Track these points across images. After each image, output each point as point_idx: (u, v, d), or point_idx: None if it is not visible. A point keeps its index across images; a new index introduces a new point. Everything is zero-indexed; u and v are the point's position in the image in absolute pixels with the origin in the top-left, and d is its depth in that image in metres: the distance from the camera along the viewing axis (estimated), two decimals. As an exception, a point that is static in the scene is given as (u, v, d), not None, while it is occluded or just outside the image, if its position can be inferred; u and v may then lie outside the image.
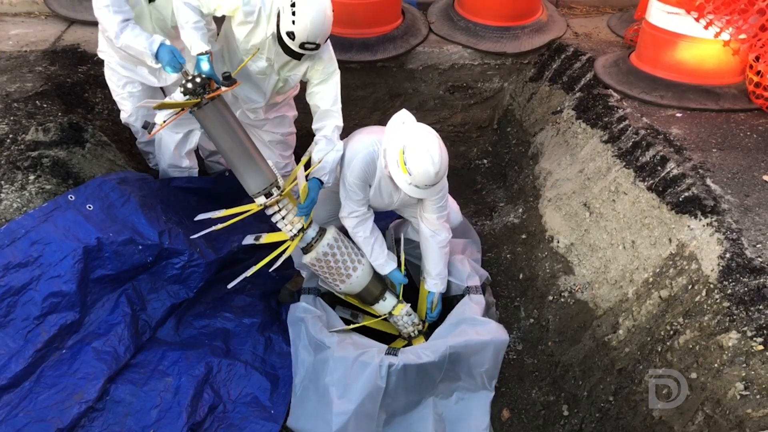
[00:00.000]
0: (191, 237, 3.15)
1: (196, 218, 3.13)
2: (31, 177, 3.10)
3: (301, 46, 2.82)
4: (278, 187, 2.99)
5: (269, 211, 3.04)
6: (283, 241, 3.14)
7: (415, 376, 2.90)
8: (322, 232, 3.16)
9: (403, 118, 2.96)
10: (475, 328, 3.06)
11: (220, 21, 3.22)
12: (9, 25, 4.85)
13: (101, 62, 4.35)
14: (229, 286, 2.99)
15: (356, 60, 4.60)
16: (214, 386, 3.05)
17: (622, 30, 4.96)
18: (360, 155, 3.01)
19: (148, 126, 2.81)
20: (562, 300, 3.47)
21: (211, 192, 3.73)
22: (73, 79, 4.11)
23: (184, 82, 2.76)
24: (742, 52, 3.60)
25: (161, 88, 3.62)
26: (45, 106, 3.77)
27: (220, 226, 3.01)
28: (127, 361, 2.90)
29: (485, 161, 5.15)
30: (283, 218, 3.05)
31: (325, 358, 3.01)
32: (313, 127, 3.18)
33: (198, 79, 2.73)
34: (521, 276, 3.83)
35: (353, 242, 3.28)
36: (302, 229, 3.08)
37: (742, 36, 3.54)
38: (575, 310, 3.38)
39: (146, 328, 3.08)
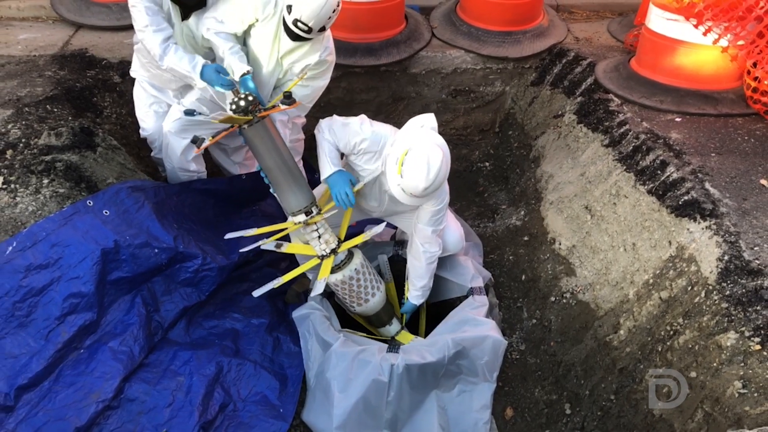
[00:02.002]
0: (241, 250, 3.24)
1: (227, 236, 3.22)
2: (45, 181, 3.17)
3: (294, 23, 2.93)
4: (317, 206, 3.06)
5: (308, 230, 3.09)
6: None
7: (418, 374, 2.97)
8: (350, 255, 3.21)
9: (423, 121, 2.93)
10: (477, 328, 3.13)
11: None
12: (17, 29, 4.91)
13: (110, 66, 4.48)
14: (255, 294, 3.06)
15: (360, 64, 4.68)
16: (225, 385, 3.11)
17: (622, 34, 5.04)
18: (378, 132, 3.02)
19: (197, 141, 2.90)
20: (564, 301, 3.55)
21: (228, 193, 3.81)
22: (82, 84, 4.18)
23: (235, 99, 2.84)
24: (740, 59, 3.68)
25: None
26: (55, 110, 3.83)
27: (261, 243, 3.12)
28: (141, 361, 2.97)
29: (487, 164, 5.23)
30: (319, 237, 3.10)
31: (328, 354, 3.09)
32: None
33: (250, 98, 2.82)
34: (524, 277, 3.91)
35: (374, 270, 3.35)
36: (335, 250, 3.13)
37: (740, 42, 3.62)
38: (577, 311, 3.45)
39: (159, 328, 3.14)
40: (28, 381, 2.61)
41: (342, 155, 3.14)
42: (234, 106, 2.84)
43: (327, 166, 2.99)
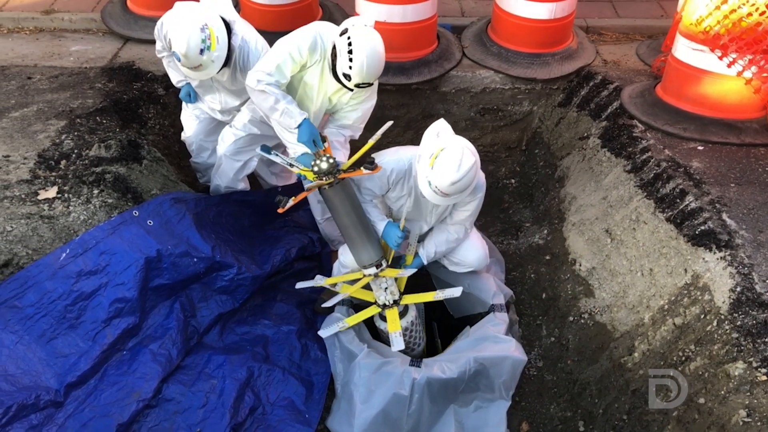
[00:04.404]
0: (298, 287, 3.53)
1: (297, 286, 3.48)
2: (95, 191, 3.40)
3: (357, 85, 3.08)
4: (386, 259, 3.25)
5: (376, 281, 3.28)
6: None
7: (439, 389, 3.12)
8: (405, 308, 3.40)
9: (438, 128, 3.06)
10: (497, 345, 3.26)
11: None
12: (69, 41, 5.19)
13: (154, 79, 4.71)
14: (321, 332, 3.40)
15: (392, 83, 4.85)
16: (255, 389, 3.30)
17: (650, 58, 5.11)
18: (400, 157, 3.21)
19: (281, 201, 3.06)
20: (582, 321, 3.66)
21: (264, 204, 4.03)
22: (128, 96, 4.43)
23: (318, 162, 3.01)
24: (763, 90, 3.75)
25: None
26: (104, 122, 4.08)
27: (317, 282, 3.46)
28: (178, 363, 3.17)
29: (513, 181, 5.35)
30: (386, 289, 3.29)
31: (353, 365, 3.25)
32: (330, 125, 3.51)
33: (331, 160, 2.96)
34: (544, 296, 4.03)
35: (421, 321, 3.54)
36: (397, 301, 3.32)
37: (765, 75, 3.69)
38: (594, 332, 3.57)
39: (195, 333, 3.34)
40: (76, 379, 2.83)
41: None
42: (316, 168, 2.98)
43: (379, 224, 3.28)
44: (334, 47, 3.07)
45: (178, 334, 3.22)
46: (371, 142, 3.19)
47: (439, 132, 3.06)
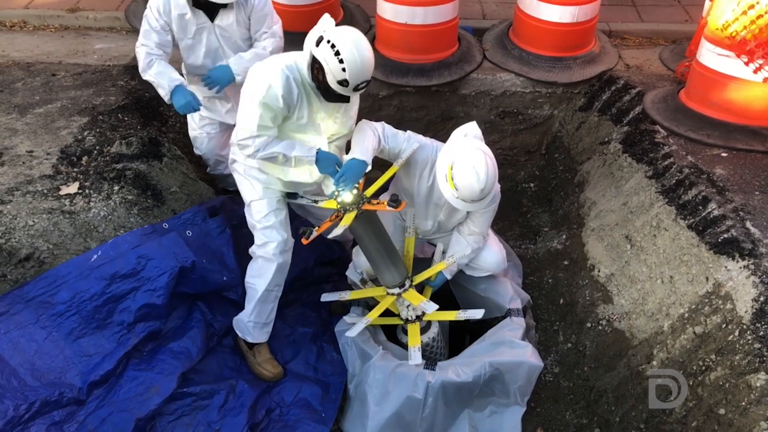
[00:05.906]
0: (323, 300, 3.55)
1: (323, 299, 3.51)
2: (116, 187, 3.43)
3: (356, 88, 2.74)
4: (410, 278, 3.28)
5: (400, 299, 3.32)
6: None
7: (454, 393, 3.11)
8: (428, 323, 3.41)
9: (466, 130, 3.07)
10: (513, 350, 3.25)
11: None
12: (93, 39, 5.26)
13: (176, 78, 4.73)
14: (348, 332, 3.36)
15: (412, 84, 4.85)
16: (272, 390, 3.32)
17: (673, 63, 5.04)
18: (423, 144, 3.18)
19: (305, 232, 2.95)
20: (600, 327, 3.62)
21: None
22: (150, 94, 4.46)
23: (341, 192, 2.90)
24: (790, 98, 3.69)
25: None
26: (126, 119, 4.12)
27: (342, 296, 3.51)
28: (197, 362, 3.19)
29: (532, 185, 5.31)
30: (408, 306, 3.31)
31: (367, 366, 3.25)
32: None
33: (355, 190, 2.90)
34: (561, 301, 3.99)
35: (443, 335, 3.54)
36: (419, 317, 3.34)
37: (791, 81, 3.64)
38: (612, 339, 3.53)
39: (215, 335, 3.37)
40: (99, 378, 2.86)
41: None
42: (339, 199, 2.91)
43: (356, 150, 2.93)
44: (313, 63, 2.74)
45: (197, 333, 3.25)
46: (396, 167, 3.05)
47: (467, 133, 3.08)
